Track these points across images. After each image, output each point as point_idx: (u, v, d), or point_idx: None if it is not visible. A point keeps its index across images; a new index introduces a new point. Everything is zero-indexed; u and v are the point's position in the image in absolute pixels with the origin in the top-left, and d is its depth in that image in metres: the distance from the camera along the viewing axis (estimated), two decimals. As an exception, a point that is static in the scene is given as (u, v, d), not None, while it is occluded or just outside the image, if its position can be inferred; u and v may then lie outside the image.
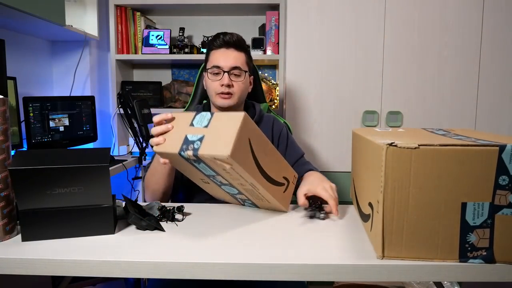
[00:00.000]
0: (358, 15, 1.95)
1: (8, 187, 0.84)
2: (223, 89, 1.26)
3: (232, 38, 1.28)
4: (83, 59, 2.27)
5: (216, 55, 1.29)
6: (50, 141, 1.83)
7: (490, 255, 0.71)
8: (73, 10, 2.18)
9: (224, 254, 0.77)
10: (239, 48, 1.29)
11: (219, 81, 1.27)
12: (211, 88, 1.29)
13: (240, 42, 1.30)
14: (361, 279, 0.73)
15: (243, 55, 1.30)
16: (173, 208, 1.00)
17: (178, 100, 2.44)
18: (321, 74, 1.99)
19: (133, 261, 0.75)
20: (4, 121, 0.83)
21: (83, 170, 0.83)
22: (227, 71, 1.26)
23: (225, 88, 1.26)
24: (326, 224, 0.95)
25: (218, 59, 1.28)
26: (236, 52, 1.29)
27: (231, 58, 1.27)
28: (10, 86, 1.66)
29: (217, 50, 1.29)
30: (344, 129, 2.01)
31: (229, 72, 1.26)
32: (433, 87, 1.97)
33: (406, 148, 0.69)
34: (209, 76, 1.29)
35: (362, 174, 0.94)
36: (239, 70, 1.28)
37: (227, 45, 1.28)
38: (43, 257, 0.76)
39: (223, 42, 1.28)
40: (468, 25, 1.94)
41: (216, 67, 1.27)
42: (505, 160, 0.68)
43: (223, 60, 1.27)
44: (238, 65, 1.27)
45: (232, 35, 1.29)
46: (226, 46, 1.28)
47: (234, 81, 1.28)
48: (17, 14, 1.54)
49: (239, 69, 1.28)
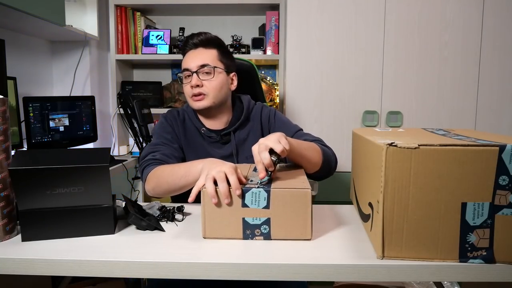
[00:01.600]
0: (358, 15, 1.95)
1: (8, 187, 0.84)
2: (194, 90, 1.21)
3: (198, 37, 1.23)
4: (83, 59, 2.27)
5: (185, 58, 1.25)
6: (50, 141, 1.83)
7: (490, 255, 0.71)
8: (73, 10, 2.18)
9: (224, 254, 0.77)
10: (208, 45, 1.24)
11: (189, 83, 1.22)
12: (185, 93, 1.25)
13: (208, 40, 1.24)
14: (361, 279, 0.73)
15: (213, 52, 1.24)
16: (173, 208, 1.00)
17: (178, 100, 2.44)
18: (321, 74, 1.99)
19: (133, 261, 0.75)
20: (4, 121, 0.83)
21: (83, 170, 0.83)
22: (195, 71, 1.21)
23: (195, 89, 1.20)
24: (326, 224, 0.95)
25: (186, 61, 1.24)
26: (204, 50, 1.23)
27: (198, 58, 1.22)
28: (10, 86, 1.66)
29: (187, 53, 1.25)
30: (344, 129, 2.01)
31: (197, 72, 1.21)
32: (433, 87, 1.98)
33: (406, 148, 0.69)
34: (183, 81, 1.26)
35: (362, 174, 0.94)
36: (208, 67, 1.21)
37: (195, 46, 1.24)
38: (43, 257, 0.76)
39: (192, 45, 1.24)
40: (468, 25, 1.94)
41: (185, 70, 1.23)
42: (505, 160, 0.68)
43: (191, 61, 1.22)
44: (206, 62, 1.21)
45: (199, 34, 1.24)
46: (194, 47, 1.24)
47: (204, 80, 1.21)
48: (17, 14, 1.54)
49: (208, 66, 1.21)
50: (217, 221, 0.83)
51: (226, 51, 1.29)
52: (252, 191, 0.82)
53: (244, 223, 0.83)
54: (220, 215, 0.83)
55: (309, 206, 0.81)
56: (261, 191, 0.82)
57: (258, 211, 0.82)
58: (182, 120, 1.30)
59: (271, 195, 0.81)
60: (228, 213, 0.83)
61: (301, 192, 0.81)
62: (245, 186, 0.83)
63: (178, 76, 1.28)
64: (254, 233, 0.83)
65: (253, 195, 0.82)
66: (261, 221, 0.82)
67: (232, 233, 0.83)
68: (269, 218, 0.82)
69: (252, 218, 0.83)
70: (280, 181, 0.88)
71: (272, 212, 0.82)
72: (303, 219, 0.82)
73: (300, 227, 0.82)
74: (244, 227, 0.83)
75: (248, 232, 0.83)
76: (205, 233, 0.84)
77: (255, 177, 0.89)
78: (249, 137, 1.29)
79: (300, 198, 0.81)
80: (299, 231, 0.82)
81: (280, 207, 0.82)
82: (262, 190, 0.82)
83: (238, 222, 0.83)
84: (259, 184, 0.85)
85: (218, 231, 0.84)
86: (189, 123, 1.30)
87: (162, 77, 2.56)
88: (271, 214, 0.82)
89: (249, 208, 0.82)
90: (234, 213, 0.83)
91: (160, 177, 1.09)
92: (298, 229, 0.82)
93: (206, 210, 0.83)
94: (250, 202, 0.82)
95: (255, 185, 0.84)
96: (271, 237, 0.83)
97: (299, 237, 0.83)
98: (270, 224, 0.82)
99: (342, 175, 1.98)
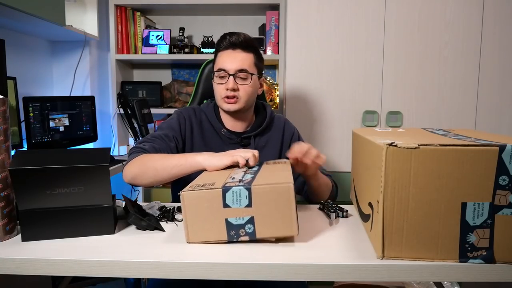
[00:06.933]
0: (358, 15, 1.95)
1: (8, 187, 0.84)
2: (228, 93, 1.20)
3: (238, 38, 1.21)
4: (83, 59, 2.27)
5: (222, 57, 1.23)
6: (50, 141, 1.83)
7: (490, 255, 0.71)
8: (73, 10, 2.18)
9: (224, 254, 0.77)
10: (246, 48, 1.22)
11: (224, 85, 1.20)
12: (217, 92, 1.24)
13: (247, 42, 1.23)
14: (361, 279, 0.73)
15: (251, 56, 1.23)
16: (173, 208, 1.00)
17: (178, 100, 2.44)
18: (321, 74, 1.99)
19: (133, 261, 0.75)
20: (4, 121, 0.83)
21: (83, 170, 0.83)
22: (232, 74, 1.19)
23: (230, 92, 1.19)
24: (326, 224, 0.95)
25: (224, 61, 1.21)
26: (243, 53, 1.22)
27: (237, 60, 1.20)
28: (10, 86, 1.66)
29: (223, 51, 1.23)
30: (344, 129, 2.01)
31: (234, 75, 1.20)
32: (433, 87, 1.97)
33: (406, 148, 0.69)
34: (215, 79, 1.24)
35: (362, 174, 0.94)
36: (245, 73, 1.20)
37: (233, 46, 1.21)
38: (43, 257, 0.76)
39: (229, 43, 1.22)
40: (468, 25, 1.94)
41: (221, 70, 1.21)
42: (505, 160, 0.68)
43: (229, 62, 1.21)
44: (244, 67, 1.20)
45: (238, 35, 1.22)
46: (233, 47, 1.22)
47: (240, 85, 1.20)
48: (17, 14, 1.54)
49: (245, 72, 1.20)
50: (200, 225, 0.81)
51: (261, 55, 1.28)
52: (232, 190, 0.79)
53: (228, 224, 0.80)
54: (202, 219, 0.80)
55: (292, 201, 0.79)
56: (241, 189, 0.79)
57: (240, 211, 0.79)
58: (199, 120, 1.28)
59: (253, 193, 0.79)
60: (210, 216, 0.80)
61: (283, 188, 0.79)
62: (224, 186, 0.81)
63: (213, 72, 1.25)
64: (239, 233, 0.81)
65: (234, 194, 0.79)
66: (245, 221, 0.80)
67: (216, 235, 0.81)
68: (252, 217, 0.80)
69: (235, 218, 0.80)
70: (262, 177, 0.86)
71: (255, 210, 0.79)
72: (288, 215, 0.79)
73: (285, 223, 0.80)
74: (228, 228, 0.80)
75: (232, 233, 0.81)
76: (188, 238, 0.82)
77: (238, 174, 0.89)
78: (267, 145, 1.30)
79: (283, 193, 0.79)
80: (284, 227, 0.80)
81: (263, 204, 0.79)
82: (243, 188, 0.79)
83: (221, 223, 0.80)
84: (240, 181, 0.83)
85: (201, 234, 0.81)
86: (206, 123, 1.28)
87: (162, 77, 2.56)
88: (254, 213, 0.79)
89: (231, 208, 0.79)
90: (216, 215, 0.80)
91: (147, 163, 1.07)
92: (283, 225, 0.80)
93: (187, 214, 0.81)
94: (231, 201, 0.79)
95: (236, 182, 0.82)
96: (256, 236, 0.80)
97: (285, 233, 0.81)
98: (254, 223, 0.80)
99: (342, 175, 1.97)
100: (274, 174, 0.90)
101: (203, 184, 0.83)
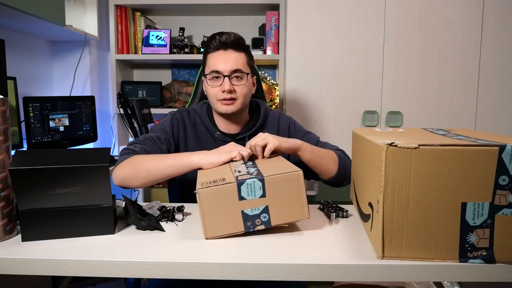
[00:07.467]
0: (358, 15, 1.95)
1: (8, 187, 0.84)
2: (225, 95, 1.16)
3: (229, 38, 1.18)
4: (83, 59, 2.27)
5: (214, 58, 1.19)
6: (50, 141, 1.83)
7: (490, 255, 0.71)
8: (73, 10, 2.18)
9: (224, 254, 0.77)
10: (238, 48, 1.19)
11: (219, 87, 1.17)
12: (212, 94, 1.20)
13: (238, 41, 1.20)
14: (361, 279, 0.73)
15: (243, 56, 1.20)
16: (173, 208, 1.00)
17: (178, 100, 2.44)
18: (321, 74, 1.99)
19: (133, 261, 0.75)
20: (4, 121, 0.83)
21: (83, 170, 0.83)
22: (227, 75, 1.16)
23: (227, 94, 1.16)
24: (326, 224, 0.95)
25: (217, 62, 1.18)
26: (236, 53, 1.19)
27: (231, 61, 1.17)
28: (10, 86, 1.66)
29: (214, 52, 1.20)
30: (344, 129, 2.01)
31: (229, 76, 1.16)
32: (433, 87, 1.97)
33: (406, 148, 0.69)
34: (208, 82, 1.20)
35: (362, 174, 0.94)
36: (240, 73, 1.18)
37: (225, 46, 1.18)
38: (43, 257, 0.76)
39: (220, 43, 1.18)
40: (468, 25, 1.94)
41: (215, 72, 1.17)
42: (505, 160, 0.68)
43: (222, 63, 1.17)
44: (239, 67, 1.17)
45: (229, 34, 1.19)
46: (224, 48, 1.18)
47: (236, 85, 1.18)
48: (17, 14, 1.54)
49: (240, 72, 1.18)
50: (217, 220, 0.83)
51: (251, 53, 1.26)
52: (246, 182, 0.82)
53: (244, 216, 0.84)
54: (219, 213, 0.83)
55: (303, 186, 0.84)
56: (255, 181, 0.83)
57: (255, 201, 0.83)
58: (194, 123, 1.27)
59: (266, 183, 0.83)
60: (226, 209, 0.83)
61: (293, 175, 0.84)
62: (238, 180, 0.83)
63: (205, 75, 1.22)
64: (255, 223, 0.84)
65: (248, 186, 0.82)
66: (260, 210, 0.83)
67: (233, 228, 0.84)
68: (267, 206, 0.83)
69: (251, 209, 0.83)
70: (266, 169, 0.89)
71: (269, 200, 0.83)
72: (299, 201, 0.84)
73: (297, 208, 0.84)
74: (244, 220, 0.84)
75: (249, 224, 0.84)
76: (207, 234, 0.84)
77: (240, 168, 0.91)
78: None
79: (294, 180, 0.84)
80: (297, 212, 0.85)
81: (276, 193, 0.83)
82: (256, 179, 0.83)
83: (238, 216, 0.83)
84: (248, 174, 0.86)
85: (219, 229, 0.84)
86: (200, 126, 1.27)
87: (162, 77, 2.56)
88: (268, 202, 0.83)
89: (246, 200, 0.83)
90: (232, 208, 0.83)
91: (139, 165, 1.04)
92: (295, 211, 0.85)
93: (204, 210, 0.83)
94: (246, 194, 0.83)
95: (245, 175, 0.85)
96: (271, 224, 0.84)
97: (298, 218, 0.86)
98: (269, 212, 0.84)
99: (342, 175, 1.97)
100: (276, 165, 0.94)
101: (213, 180, 0.85)
